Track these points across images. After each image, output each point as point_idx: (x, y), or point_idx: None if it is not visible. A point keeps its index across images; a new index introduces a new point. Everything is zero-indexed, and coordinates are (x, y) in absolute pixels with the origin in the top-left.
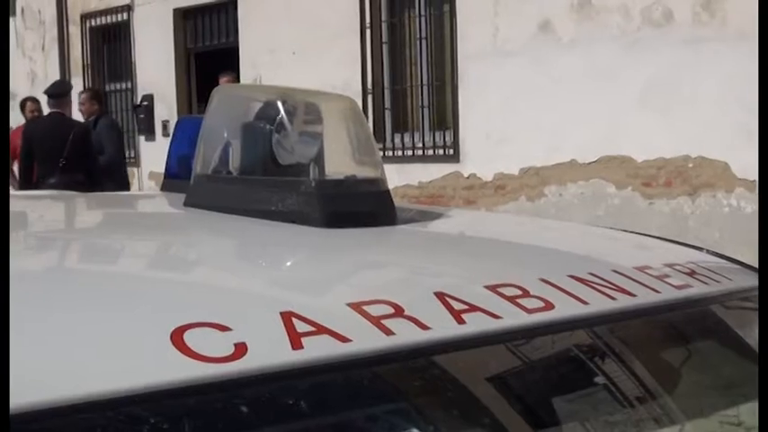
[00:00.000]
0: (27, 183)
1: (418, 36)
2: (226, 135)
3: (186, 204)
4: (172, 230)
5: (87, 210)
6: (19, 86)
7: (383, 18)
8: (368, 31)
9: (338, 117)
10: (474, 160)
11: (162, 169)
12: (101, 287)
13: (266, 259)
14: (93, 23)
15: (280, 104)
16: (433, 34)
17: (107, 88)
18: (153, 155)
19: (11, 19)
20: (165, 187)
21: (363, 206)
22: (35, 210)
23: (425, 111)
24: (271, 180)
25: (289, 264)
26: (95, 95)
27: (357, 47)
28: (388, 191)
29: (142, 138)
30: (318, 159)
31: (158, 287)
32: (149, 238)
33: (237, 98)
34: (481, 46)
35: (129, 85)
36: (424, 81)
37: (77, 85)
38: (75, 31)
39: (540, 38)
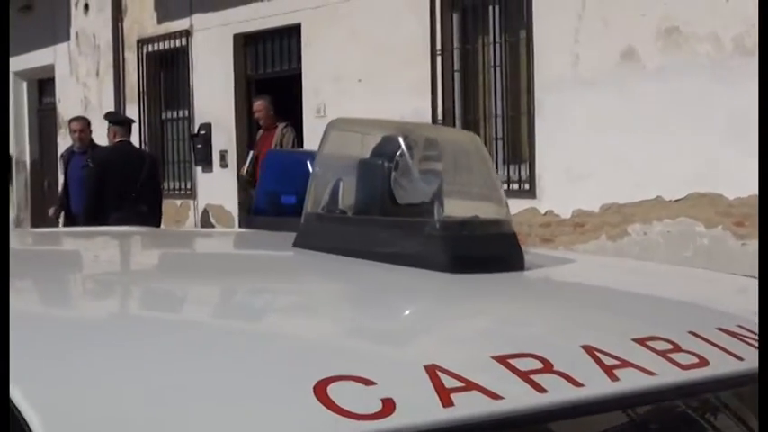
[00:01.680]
0: (96, 212)
1: (492, 63)
2: (340, 172)
3: (296, 245)
4: (289, 275)
5: (195, 250)
6: (72, 113)
7: (455, 44)
8: (439, 58)
9: (459, 153)
10: (551, 196)
11: (219, 201)
12: (232, 337)
13: (398, 307)
14: (149, 49)
15: (400, 140)
16: (508, 62)
17: (163, 116)
18: (210, 187)
19: (65, 44)
20: (250, 223)
21: (491, 250)
22: (135, 250)
23: (499, 143)
24: (390, 221)
25: (422, 312)
26: (89, 124)
27: (427, 74)
28: (515, 233)
29: (199, 168)
30: (440, 199)
31: (293, 337)
32: (267, 283)
33: (353, 133)
34: (560, 74)
35: (187, 113)
36: (498, 111)
37: (133, 112)
38: (131, 57)
39: (624, 66)
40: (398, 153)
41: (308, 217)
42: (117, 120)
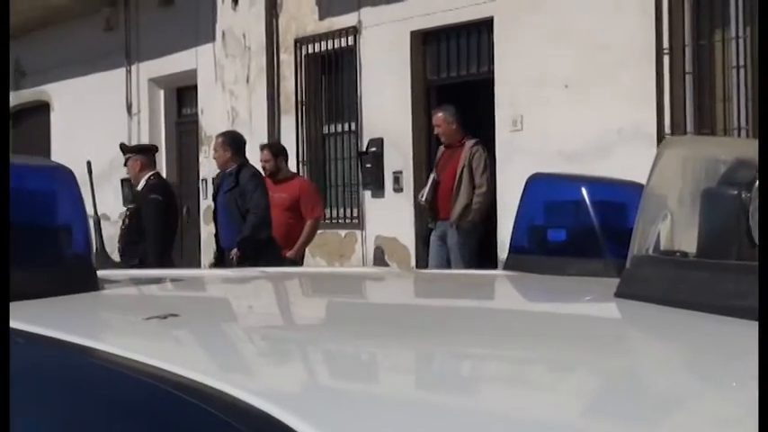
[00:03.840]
0: (165, 253)
1: (734, 64)
2: (678, 203)
3: (619, 295)
4: (625, 338)
5: (483, 304)
6: (217, 127)
7: (686, 41)
8: (666, 58)
9: None
10: None
11: (392, 233)
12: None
13: None
14: (309, 50)
15: None
16: (754, 62)
17: (325, 130)
18: (381, 215)
19: (210, 45)
20: (509, 264)
21: None
22: (401, 303)
23: None
24: (753, 266)
25: None
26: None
27: (651, 78)
28: None
29: (368, 193)
30: None
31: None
32: (610, 352)
33: (696, 155)
34: None
35: (353, 126)
36: (743, 123)
37: (289, 125)
38: (287, 60)
39: None
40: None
41: (636, 260)
42: (139, 148)
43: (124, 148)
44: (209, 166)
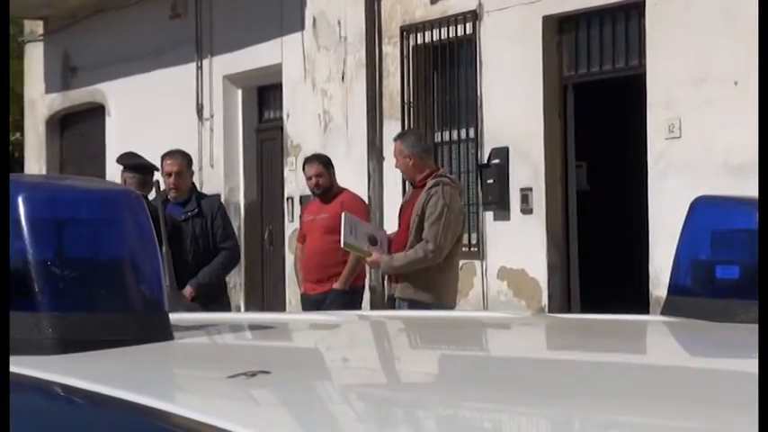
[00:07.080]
0: None
1: None
2: None
3: None
4: None
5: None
6: (306, 134)
7: None
8: None
9: None
10: None
11: (519, 263)
12: None
13: None
14: (419, 40)
15: None
16: None
17: (437, 138)
18: (506, 241)
19: (298, 34)
20: (669, 308)
21: None
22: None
23: None
24: None
25: None
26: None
27: None
28: None
29: (489, 215)
30: None
31: None
32: None
33: None
34: None
35: (472, 133)
36: None
37: (394, 132)
38: (391, 52)
39: None
40: None
41: None
42: (131, 164)
43: (120, 161)
44: (295, 182)
